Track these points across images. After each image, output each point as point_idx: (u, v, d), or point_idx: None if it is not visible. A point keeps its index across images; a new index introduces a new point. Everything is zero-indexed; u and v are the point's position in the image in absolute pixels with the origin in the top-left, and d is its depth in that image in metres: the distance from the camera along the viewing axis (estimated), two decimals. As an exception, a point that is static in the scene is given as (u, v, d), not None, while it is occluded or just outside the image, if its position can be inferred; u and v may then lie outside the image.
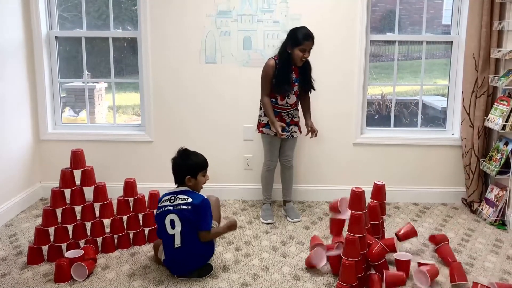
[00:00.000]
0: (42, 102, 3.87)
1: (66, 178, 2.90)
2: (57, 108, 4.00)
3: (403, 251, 2.87)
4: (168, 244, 2.65)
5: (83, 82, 4.05)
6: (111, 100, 4.06)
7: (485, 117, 3.62)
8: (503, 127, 3.37)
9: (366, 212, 2.66)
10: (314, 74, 3.41)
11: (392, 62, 3.96)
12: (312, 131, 3.45)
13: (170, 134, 3.91)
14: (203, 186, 2.81)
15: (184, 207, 2.62)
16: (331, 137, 3.88)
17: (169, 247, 2.64)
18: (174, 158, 2.78)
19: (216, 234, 2.81)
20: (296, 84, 3.36)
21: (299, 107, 3.51)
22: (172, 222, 2.61)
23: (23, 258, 2.89)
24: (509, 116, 3.35)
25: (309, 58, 3.31)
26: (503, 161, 3.45)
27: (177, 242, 2.60)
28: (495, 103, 3.55)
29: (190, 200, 2.64)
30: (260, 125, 3.47)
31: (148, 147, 3.95)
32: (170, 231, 2.62)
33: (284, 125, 3.35)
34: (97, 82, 4.47)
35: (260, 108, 3.45)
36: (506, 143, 3.50)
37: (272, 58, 3.33)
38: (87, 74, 4.05)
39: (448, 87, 3.96)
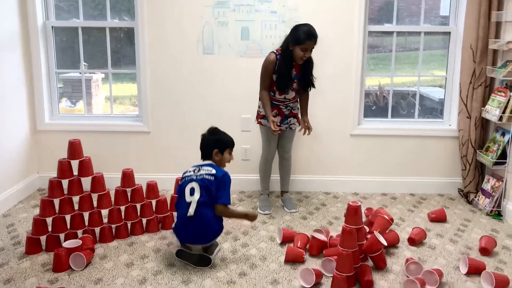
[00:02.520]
0: (39, 93, 3.86)
1: (64, 168, 2.90)
2: (54, 99, 3.98)
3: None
4: (182, 212, 2.72)
5: (80, 73, 4.03)
6: (108, 91, 4.05)
7: (482, 108, 3.63)
8: (500, 118, 3.38)
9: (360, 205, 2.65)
10: (312, 66, 3.40)
11: (389, 53, 3.96)
12: (307, 128, 3.45)
13: (167, 125, 3.91)
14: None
15: (207, 176, 2.72)
16: (328, 128, 3.88)
17: (183, 215, 2.71)
18: (203, 134, 2.92)
19: (232, 214, 2.91)
20: (295, 81, 3.35)
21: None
22: (192, 190, 2.70)
23: (21, 248, 2.90)
24: (506, 107, 3.36)
25: (308, 51, 3.28)
26: (499, 152, 3.47)
27: (191, 211, 2.66)
28: (493, 94, 3.55)
29: (213, 171, 2.75)
30: (259, 116, 3.46)
31: (145, 138, 3.94)
32: (188, 198, 2.69)
33: (277, 121, 3.32)
34: (94, 73, 4.45)
35: (259, 99, 3.44)
36: (503, 134, 3.51)
37: (274, 52, 3.29)
38: (84, 65, 4.03)
39: (446, 78, 3.96)
